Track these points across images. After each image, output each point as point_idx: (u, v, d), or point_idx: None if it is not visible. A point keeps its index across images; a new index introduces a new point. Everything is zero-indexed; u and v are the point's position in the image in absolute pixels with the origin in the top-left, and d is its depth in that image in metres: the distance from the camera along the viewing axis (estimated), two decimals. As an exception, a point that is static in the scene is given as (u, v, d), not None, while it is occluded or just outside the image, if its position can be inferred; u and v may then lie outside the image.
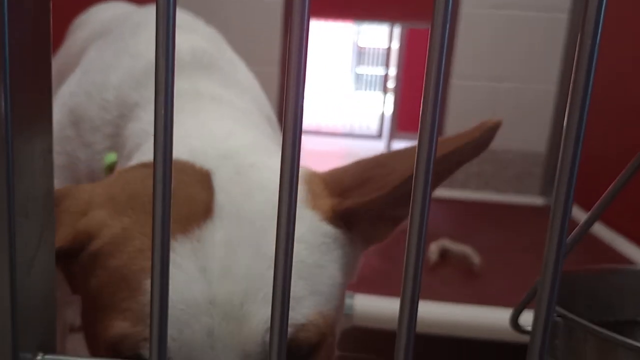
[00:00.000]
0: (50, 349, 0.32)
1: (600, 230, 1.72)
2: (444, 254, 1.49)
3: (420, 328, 0.95)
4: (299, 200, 0.52)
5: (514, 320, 0.47)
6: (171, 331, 0.46)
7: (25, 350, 0.31)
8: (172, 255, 0.47)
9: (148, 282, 0.46)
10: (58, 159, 0.75)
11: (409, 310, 0.29)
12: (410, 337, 0.29)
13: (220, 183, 0.52)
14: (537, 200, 1.97)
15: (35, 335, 0.31)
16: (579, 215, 0.49)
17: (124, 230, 0.50)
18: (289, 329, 0.47)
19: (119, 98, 0.72)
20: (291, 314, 0.47)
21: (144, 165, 0.57)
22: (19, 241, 0.26)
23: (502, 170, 2.22)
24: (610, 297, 0.53)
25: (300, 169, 0.60)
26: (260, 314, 0.47)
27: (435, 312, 1.15)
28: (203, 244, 0.48)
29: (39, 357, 0.31)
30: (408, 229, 0.29)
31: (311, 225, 0.53)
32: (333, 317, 0.53)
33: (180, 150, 0.55)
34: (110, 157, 0.69)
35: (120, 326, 0.47)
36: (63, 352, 0.33)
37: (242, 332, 0.47)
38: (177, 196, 0.50)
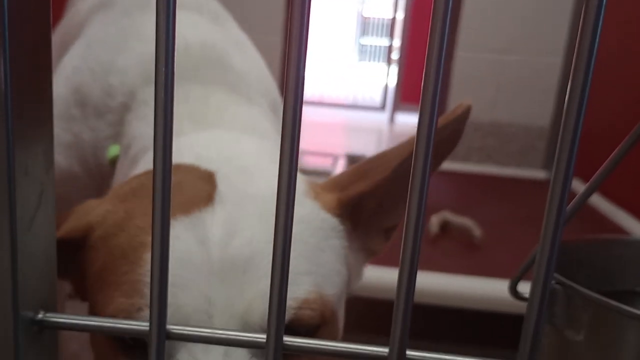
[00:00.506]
0: (51, 308, 0.32)
1: (598, 202, 1.72)
2: (445, 226, 1.49)
3: (420, 299, 0.96)
4: (299, 192, 0.53)
5: (513, 288, 0.47)
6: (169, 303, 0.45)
7: (26, 309, 0.31)
8: (172, 231, 0.47)
9: (148, 255, 0.46)
10: (64, 136, 0.75)
11: (407, 280, 0.29)
12: (407, 307, 0.29)
13: (223, 178, 0.53)
14: (540, 174, 1.96)
15: (36, 294, 0.31)
16: (579, 188, 0.50)
17: (126, 213, 0.50)
18: (289, 303, 0.47)
19: (124, 85, 0.72)
20: (292, 288, 0.47)
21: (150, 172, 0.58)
22: (19, 199, 0.26)
23: (505, 144, 2.21)
24: (609, 267, 0.53)
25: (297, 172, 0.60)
26: (263, 283, 0.46)
27: (435, 283, 1.16)
28: (203, 221, 0.48)
29: (40, 316, 0.32)
30: (408, 200, 0.29)
31: (313, 212, 0.53)
32: (334, 304, 0.52)
33: (187, 158, 0.56)
34: (113, 150, 0.69)
35: (118, 300, 0.47)
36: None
37: (244, 301, 0.46)
38: (182, 188, 0.50)
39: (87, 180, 0.75)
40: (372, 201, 0.57)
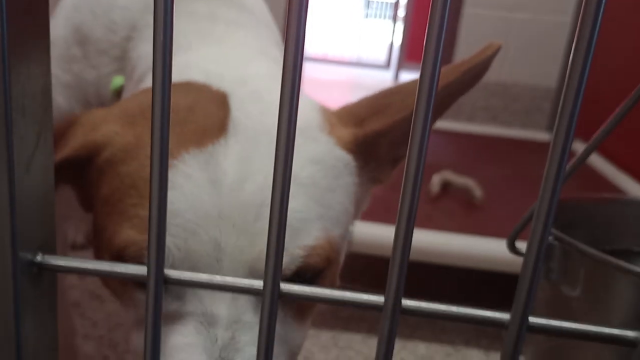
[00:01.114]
0: (50, 250, 0.32)
1: (600, 163, 1.72)
2: (446, 185, 1.49)
3: (419, 257, 0.96)
4: (314, 126, 0.52)
5: (511, 243, 0.47)
6: (177, 240, 0.45)
7: (25, 251, 0.31)
8: (183, 167, 0.46)
9: None
10: (64, 77, 0.74)
11: (405, 226, 0.29)
12: (404, 255, 0.29)
13: (237, 102, 0.51)
14: (544, 136, 1.95)
15: (34, 236, 0.31)
16: (581, 150, 0.49)
17: (136, 138, 0.49)
18: (298, 251, 0.48)
19: (126, 20, 0.70)
20: (301, 236, 0.48)
21: None
22: (17, 139, 0.26)
23: (510, 104, 2.19)
24: (608, 226, 0.53)
25: (313, 102, 0.59)
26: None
27: (434, 242, 1.16)
28: (216, 158, 0.47)
29: (38, 258, 0.32)
30: (407, 157, 0.29)
31: (327, 149, 0.52)
32: (339, 244, 0.53)
33: (197, 74, 0.54)
34: (118, 80, 0.68)
35: (127, 233, 0.47)
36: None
37: (254, 249, 0.46)
38: (194, 113, 0.49)
39: None
40: (387, 138, 0.56)
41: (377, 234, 1.15)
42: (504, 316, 0.29)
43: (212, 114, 0.50)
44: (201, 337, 0.45)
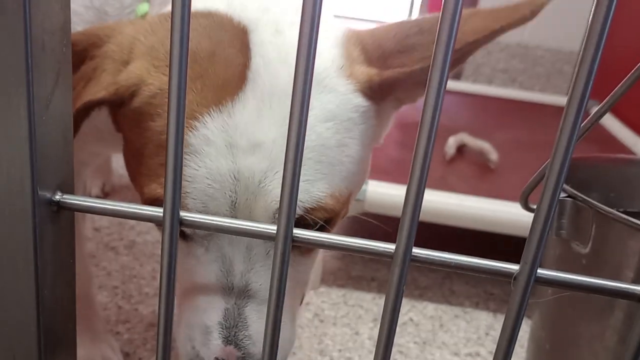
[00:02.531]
0: (68, 190, 0.33)
1: (615, 126, 1.69)
2: (462, 148, 1.48)
3: (432, 218, 0.96)
4: (334, 69, 0.51)
5: (524, 198, 0.47)
6: (198, 204, 0.48)
7: (44, 189, 0.32)
8: (205, 131, 0.48)
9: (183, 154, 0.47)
10: (87, 14, 0.73)
11: (419, 176, 0.29)
12: (417, 204, 0.29)
13: (257, 43, 0.51)
14: (564, 100, 1.90)
15: (53, 175, 0.32)
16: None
17: (162, 92, 0.50)
18: (298, 210, 0.50)
19: None
20: (303, 196, 0.49)
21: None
22: (36, 76, 0.26)
23: (530, 67, 2.16)
24: (621, 187, 0.53)
25: (338, 29, 0.57)
26: (275, 192, 0.48)
27: (447, 203, 1.16)
28: (234, 119, 0.49)
29: (57, 196, 0.33)
30: (422, 112, 0.29)
31: (343, 100, 0.52)
32: (348, 193, 0.54)
33: (219, 2, 0.53)
34: (142, 7, 0.67)
35: (155, 190, 0.50)
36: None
37: (257, 208, 0.49)
38: (214, 61, 0.49)
39: None
40: (409, 80, 0.54)
41: (393, 194, 1.15)
42: (513, 267, 0.30)
43: (232, 61, 0.50)
44: (220, 283, 0.50)
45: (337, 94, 0.51)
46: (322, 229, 0.53)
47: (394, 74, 0.52)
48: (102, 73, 0.52)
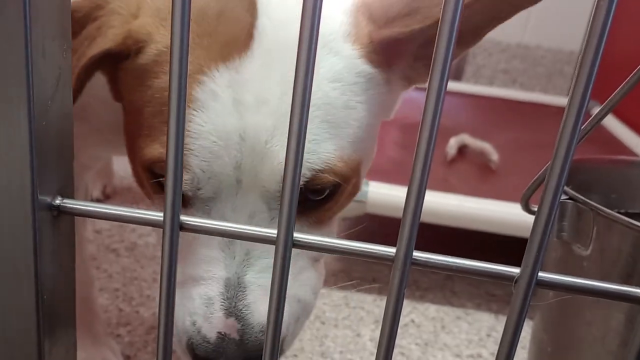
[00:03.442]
0: (68, 194, 0.33)
1: (617, 127, 1.69)
2: (463, 149, 1.49)
3: (433, 219, 0.95)
4: (341, 35, 0.51)
5: (525, 201, 0.47)
6: (202, 162, 0.47)
7: (44, 194, 0.32)
8: (212, 86, 0.47)
9: (188, 112, 0.47)
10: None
11: (420, 177, 0.29)
12: (417, 207, 0.29)
13: (265, 4, 0.51)
14: (565, 101, 1.89)
15: (53, 180, 0.32)
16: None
17: (168, 50, 0.49)
18: (308, 173, 0.49)
19: None
20: (311, 157, 0.49)
21: None
22: (36, 81, 0.26)
23: (531, 68, 2.15)
24: (622, 189, 0.52)
25: None
26: (282, 154, 0.47)
27: (448, 204, 1.16)
28: (241, 75, 0.48)
29: (57, 201, 0.32)
30: (422, 112, 0.29)
31: (350, 65, 0.51)
32: (357, 160, 0.53)
33: None
34: None
35: (157, 150, 0.49)
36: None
37: (264, 170, 0.48)
38: (222, 20, 0.49)
39: None
40: (417, 41, 0.54)
41: (394, 195, 1.15)
42: (514, 270, 0.30)
43: (239, 20, 0.50)
44: (223, 253, 0.50)
45: (343, 58, 0.51)
46: (330, 196, 0.52)
47: (392, 33, 0.52)
48: (108, 29, 0.51)
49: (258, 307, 0.50)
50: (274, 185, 0.49)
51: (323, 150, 0.49)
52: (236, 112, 0.47)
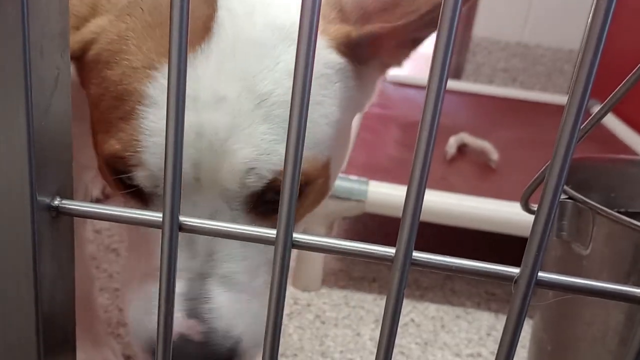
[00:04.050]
0: (67, 195, 0.33)
1: (617, 126, 1.69)
2: (462, 148, 1.48)
3: (433, 218, 0.95)
4: None
5: (524, 200, 0.47)
6: (156, 160, 0.46)
7: (43, 195, 0.32)
8: (164, 82, 0.45)
9: (141, 109, 0.45)
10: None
11: (419, 177, 0.29)
12: (417, 207, 0.29)
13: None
14: (564, 99, 1.89)
15: (52, 180, 0.32)
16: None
17: (120, 39, 0.48)
18: (268, 174, 0.47)
19: None
20: (272, 158, 0.46)
21: None
22: (35, 82, 0.26)
23: (531, 66, 2.15)
24: (622, 188, 0.52)
25: None
26: (243, 153, 0.46)
27: (449, 203, 1.16)
28: (196, 70, 0.46)
29: (56, 202, 0.32)
30: (422, 112, 0.29)
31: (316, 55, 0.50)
32: (324, 159, 0.51)
33: None
34: None
35: (114, 147, 0.47)
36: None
37: (223, 169, 0.46)
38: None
39: None
40: (392, 38, 0.52)
41: (394, 195, 1.15)
42: (514, 270, 0.29)
43: (196, 12, 0.47)
44: (183, 252, 0.47)
45: None
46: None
47: (374, 29, 0.50)
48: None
49: (225, 313, 0.48)
50: (234, 185, 0.47)
51: (283, 150, 0.48)
52: (191, 108, 0.45)
